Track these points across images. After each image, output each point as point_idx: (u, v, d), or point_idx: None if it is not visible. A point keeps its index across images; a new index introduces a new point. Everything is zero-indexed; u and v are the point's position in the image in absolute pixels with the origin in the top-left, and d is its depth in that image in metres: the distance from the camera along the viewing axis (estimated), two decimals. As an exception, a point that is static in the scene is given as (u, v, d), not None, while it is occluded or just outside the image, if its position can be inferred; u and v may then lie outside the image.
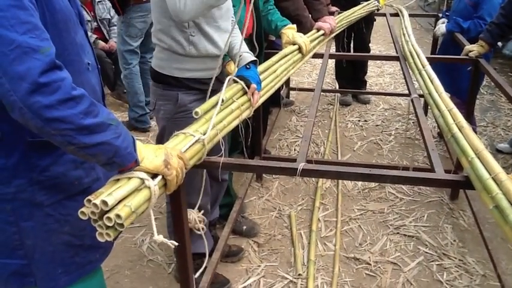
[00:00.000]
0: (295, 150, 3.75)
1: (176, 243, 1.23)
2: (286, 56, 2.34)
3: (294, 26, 2.65)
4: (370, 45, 4.72)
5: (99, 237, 1.07)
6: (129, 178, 1.12)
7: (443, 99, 1.92)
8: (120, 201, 1.07)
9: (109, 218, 1.04)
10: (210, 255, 2.18)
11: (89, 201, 1.04)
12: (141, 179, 1.12)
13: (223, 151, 1.56)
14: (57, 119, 0.94)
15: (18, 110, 0.93)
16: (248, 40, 2.27)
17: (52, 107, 0.93)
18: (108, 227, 1.05)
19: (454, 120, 1.70)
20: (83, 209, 1.05)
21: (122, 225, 1.05)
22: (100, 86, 1.34)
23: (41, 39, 0.94)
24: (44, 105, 0.92)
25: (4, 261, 1.21)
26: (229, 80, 1.71)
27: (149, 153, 1.17)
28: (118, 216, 1.04)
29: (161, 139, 1.97)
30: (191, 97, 1.91)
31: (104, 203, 1.03)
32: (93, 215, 1.05)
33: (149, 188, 1.13)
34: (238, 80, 1.77)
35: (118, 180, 1.11)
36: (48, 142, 1.07)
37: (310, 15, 3.03)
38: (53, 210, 1.20)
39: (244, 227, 2.70)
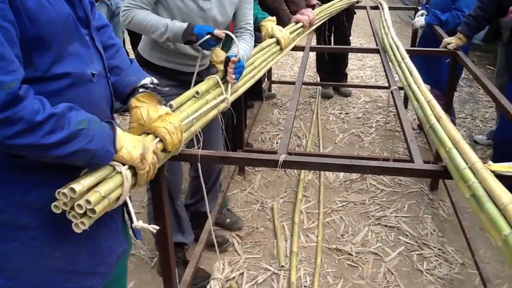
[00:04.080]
0: (277, 143, 3.76)
1: (157, 227, 1.23)
2: (264, 48, 2.34)
3: (274, 18, 2.65)
4: (351, 38, 4.74)
5: (75, 228, 1.06)
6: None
7: (422, 91, 1.94)
8: (91, 189, 1.08)
9: (79, 205, 1.04)
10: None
11: (59, 192, 1.03)
12: (111, 165, 1.13)
13: (201, 143, 1.56)
14: (22, 146, 0.92)
15: None
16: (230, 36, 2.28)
17: (14, 137, 0.90)
18: (81, 216, 1.05)
19: (433, 111, 1.72)
20: (55, 203, 1.05)
21: (93, 211, 1.05)
22: (108, 97, 1.26)
23: (5, 72, 0.88)
24: (5, 136, 0.90)
25: None
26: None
27: (128, 142, 1.16)
28: (87, 201, 1.04)
29: None
30: (167, 82, 1.96)
31: (72, 190, 1.02)
32: (65, 206, 1.04)
33: (120, 173, 1.13)
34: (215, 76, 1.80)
35: (89, 170, 1.11)
36: (32, 163, 1.05)
37: (287, 9, 3.03)
38: (40, 233, 1.12)
39: (228, 220, 2.70)
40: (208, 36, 1.78)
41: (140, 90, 1.32)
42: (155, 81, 1.39)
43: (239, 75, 1.82)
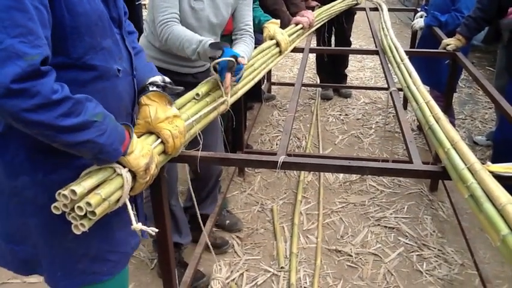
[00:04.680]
0: (277, 144, 3.76)
1: (156, 230, 1.23)
2: (263, 50, 2.35)
3: (278, 21, 2.66)
4: (350, 39, 4.74)
5: (74, 230, 1.07)
6: (100, 168, 1.13)
7: (421, 92, 1.94)
8: (92, 191, 1.08)
9: (80, 208, 1.04)
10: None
11: (59, 194, 1.04)
12: (111, 167, 1.13)
13: (201, 145, 1.56)
14: (35, 122, 0.94)
15: None
16: (229, 37, 2.29)
17: (29, 111, 0.92)
18: (81, 217, 1.06)
19: (432, 112, 1.72)
20: (55, 204, 1.06)
21: (93, 213, 1.05)
22: (131, 94, 1.30)
23: (32, 45, 0.92)
24: (22, 108, 0.91)
25: (15, 247, 1.21)
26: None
27: (138, 149, 1.19)
28: (88, 204, 1.04)
29: None
30: None
31: (73, 192, 1.03)
32: (66, 208, 1.05)
33: (121, 175, 1.13)
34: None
35: (90, 172, 1.12)
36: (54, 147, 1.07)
37: (287, 11, 3.04)
38: (57, 214, 1.13)
39: (227, 222, 2.70)
40: (231, 58, 1.64)
41: (151, 88, 1.35)
42: (167, 79, 1.41)
43: (239, 77, 1.82)
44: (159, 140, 1.33)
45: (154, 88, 1.36)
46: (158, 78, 1.39)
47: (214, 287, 2.22)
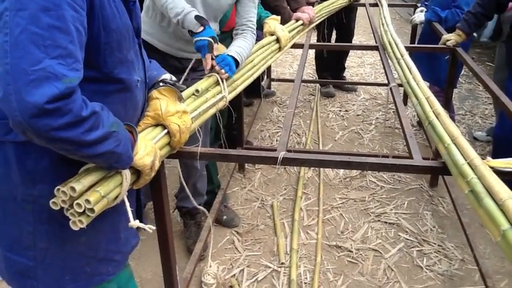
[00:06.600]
0: (277, 140, 3.76)
1: (153, 227, 1.23)
2: (263, 46, 2.35)
3: (278, 17, 2.66)
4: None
5: (72, 226, 1.07)
6: None
7: (421, 87, 1.94)
8: (91, 188, 1.08)
9: (79, 204, 1.05)
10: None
11: (58, 190, 1.04)
12: None
13: (200, 141, 1.56)
14: (62, 139, 0.93)
15: (22, 131, 0.91)
16: (230, 33, 2.29)
17: (59, 129, 0.92)
18: (80, 214, 1.06)
19: (432, 108, 1.72)
20: (53, 199, 1.06)
21: (92, 210, 1.06)
22: (143, 101, 1.33)
23: (70, 68, 0.92)
24: (52, 127, 0.90)
25: (14, 257, 1.20)
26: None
27: (141, 148, 1.19)
28: (87, 201, 1.05)
29: None
30: None
31: (72, 189, 1.03)
32: (64, 204, 1.05)
33: (120, 172, 1.13)
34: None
35: (89, 168, 1.12)
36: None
37: (288, 7, 3.03)
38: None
39: (224, 217, 2.70)
40: (209, 39, 1.75)
41: (161, 84, 1.38)
42: (174, 78, 1.46)
43: (228, 67, 1.80)
44: (163, 133, 1.34)
45: (166, 83, 1.39)
46: (167, 76, 1.43)
47: (206, 282, 2.22)
